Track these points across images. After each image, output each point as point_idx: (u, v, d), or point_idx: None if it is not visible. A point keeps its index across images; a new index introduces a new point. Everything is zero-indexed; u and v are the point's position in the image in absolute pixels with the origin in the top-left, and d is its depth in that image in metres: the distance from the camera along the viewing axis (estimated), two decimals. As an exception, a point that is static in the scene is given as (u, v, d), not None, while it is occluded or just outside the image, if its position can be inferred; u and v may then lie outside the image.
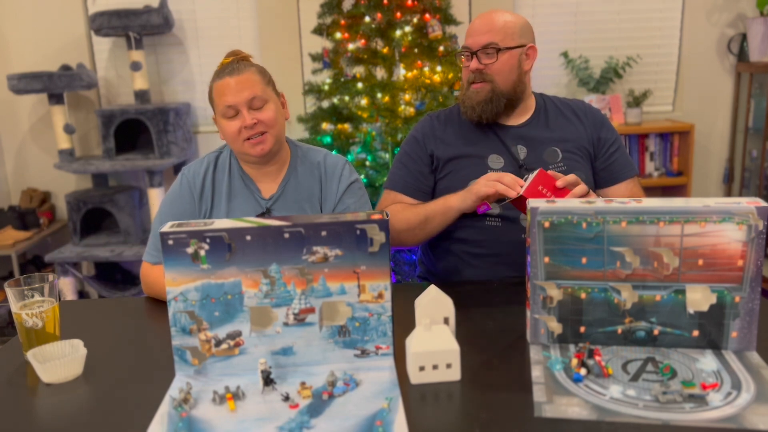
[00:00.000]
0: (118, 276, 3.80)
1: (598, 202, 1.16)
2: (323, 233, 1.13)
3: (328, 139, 3.07)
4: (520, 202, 1.43)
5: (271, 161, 1.60)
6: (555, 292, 1.19)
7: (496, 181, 1.46)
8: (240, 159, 1.62)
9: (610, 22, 3.75)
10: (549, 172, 1.44)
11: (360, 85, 3.02)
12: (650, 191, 3.74)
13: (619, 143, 1.74)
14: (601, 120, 1.74)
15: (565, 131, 1.71)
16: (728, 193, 3.89)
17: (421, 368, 1.10)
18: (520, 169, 1.66)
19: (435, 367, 1.10)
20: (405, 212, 1.67)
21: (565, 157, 1.67)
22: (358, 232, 1.13)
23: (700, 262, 1.14)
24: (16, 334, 1.28)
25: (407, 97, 3.01)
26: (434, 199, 1.71)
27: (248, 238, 1.12)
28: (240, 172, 1.62)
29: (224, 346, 1.16)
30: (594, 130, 1.72)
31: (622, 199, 1.20)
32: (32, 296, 1.24)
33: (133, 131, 3.65)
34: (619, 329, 1.19)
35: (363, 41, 3.02)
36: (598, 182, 1.73)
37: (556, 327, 1.20)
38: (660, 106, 3.87)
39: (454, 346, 1.10)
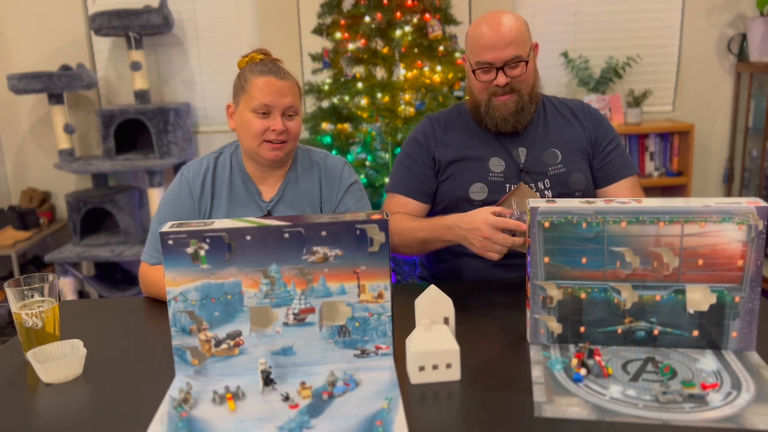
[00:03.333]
0: (118, 276, 3.80)
1: (598, 202, 1.16)
2: (323, 233, 1.13)
3: (328, 139, 3.06)
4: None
5: (277, 167, 1.61)
6: (555, 292, 1.19)
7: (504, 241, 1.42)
8: (248, 157, 1.61)
9: (610, 22, 3.75)
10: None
11: (360, 85, 3.02)
12: (650, 191, 3.74)
13: (617, 142, 1.73)
14: (599, 119, 1.74)
15: (564, 133, 1.70)
16: (728, 193, 3.89)
17: (421, 368, 1.10)
18: (520, 172, 1.65)
19: (435, 367, 1.10)
20: (401, 228, 1.65)
21: (564, 159, 1.67)
22: (358, 232, 1.13)
23: (700, 262, 1.14)
24: (16, 334, 1.28)
25: (407, 97, 3.01)
26: (436, 201, 1.72)
27: (248, 238, 1.12)
28: (241, 173, 1.62)
29: (224, 346, 1.16)
30: (592, 130, 1.71)
31: (622, 199, 1.19)
32: (32, 296, 1.24)
33: (133, 131, 3.65)
34: (619, 329, 1.19)
35: (363, 41, 3.02)
36: (597, 182, 1.72)
37: (556, 327, 1.20)
38: (660, 106, 3.87)
39: (454, 346, 1.10)
